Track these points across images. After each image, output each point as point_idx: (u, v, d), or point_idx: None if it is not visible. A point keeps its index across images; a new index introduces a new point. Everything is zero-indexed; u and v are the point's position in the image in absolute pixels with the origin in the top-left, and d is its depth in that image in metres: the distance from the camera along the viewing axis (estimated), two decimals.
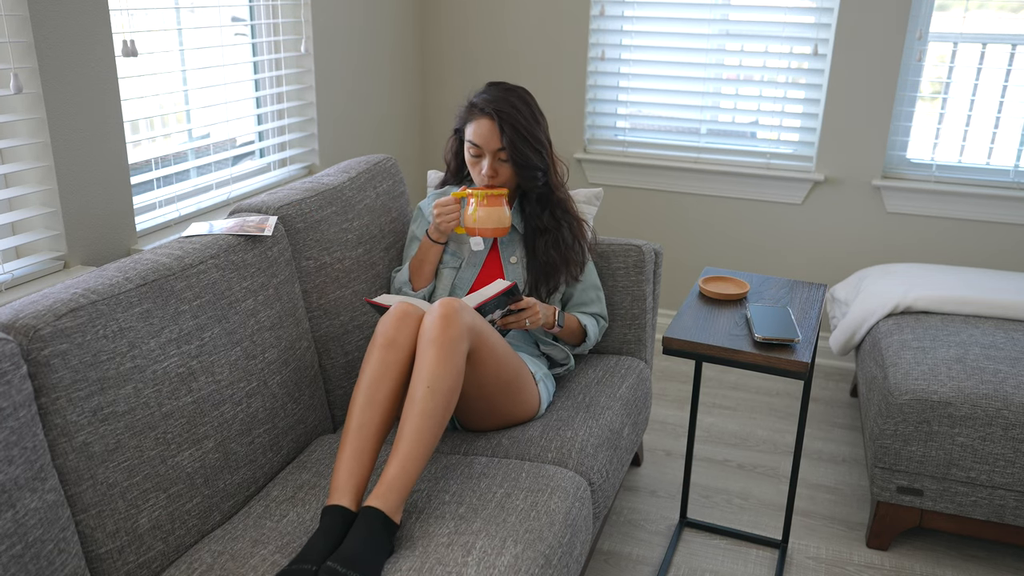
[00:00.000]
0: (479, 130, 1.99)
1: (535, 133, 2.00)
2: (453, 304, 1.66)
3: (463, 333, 1.63)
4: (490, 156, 2.00)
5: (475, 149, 2.01)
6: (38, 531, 1.25)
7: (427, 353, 1.60)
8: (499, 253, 2.10)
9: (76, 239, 1.92)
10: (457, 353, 1.61)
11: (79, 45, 1.86)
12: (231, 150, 2.51)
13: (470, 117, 2.02)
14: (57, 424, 1.33)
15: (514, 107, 1.98)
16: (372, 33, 3.10)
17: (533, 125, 2.00)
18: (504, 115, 1.96)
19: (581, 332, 2.15)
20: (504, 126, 1.96)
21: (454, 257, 2.11)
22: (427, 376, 1.58)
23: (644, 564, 2.19)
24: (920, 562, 2.22)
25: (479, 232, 1.98)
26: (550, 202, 2.09)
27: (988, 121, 2.99)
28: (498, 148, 1.99)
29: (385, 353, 1.64)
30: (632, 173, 3.40)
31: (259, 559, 1.47)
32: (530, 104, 2.01)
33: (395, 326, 1.66)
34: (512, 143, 1.97)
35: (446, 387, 1.59)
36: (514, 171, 2.02)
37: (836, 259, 3.27)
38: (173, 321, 1.55)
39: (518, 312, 1.91)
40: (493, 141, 1.98)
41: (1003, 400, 2.04)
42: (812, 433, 2.81)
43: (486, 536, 1.50)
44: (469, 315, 1.67)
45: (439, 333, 1.61)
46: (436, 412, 1.57)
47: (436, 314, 1.64)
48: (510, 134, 1.96)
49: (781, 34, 3.10)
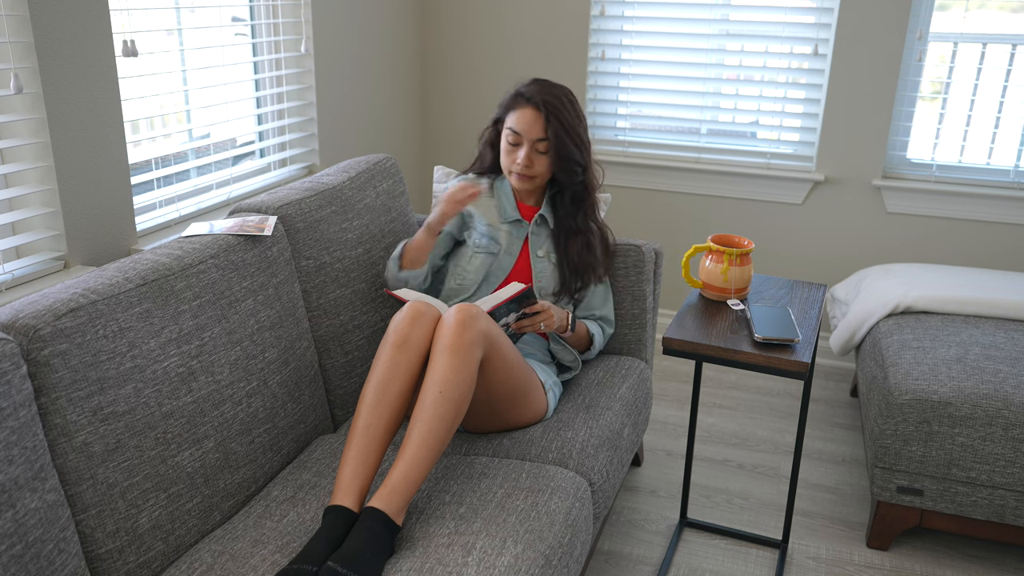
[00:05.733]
0: (523, 118, 2.00)
1: (578, 130, 2.02)
2: (470, 310, 1.65)
3: (478, 340, 1.63)
4: (528, 145, 2.01)
5: (514, 136, 2.02)
6: (38, 531, 1.25)
7: (441, 358, 1.60)
8: (527, 245, 2.10)
9: (76, 239, 1.92)
10: (471, 360, 1.61)
11: (79, 45, 1.86)
12: (231, 150, 2.51)
13: (515, 105, 2.03)
14: (57, 424, 1.33)
15: (560, 102, 2.00)
16: (372, 33, 3.10)
17: (576, 122, 2.02)
18: (551, 107, 1.98)
19: (588, 339, 2.16)
20: (551, 117, 1.97)
21: (493, 242, 2.09)
22: (440, 381, 1.58)
23: (644, 564, 2.19)
24: (920, 562, 2.22)
25: (735, 293, 2.06)
26: (585, 204, 2.09)
27: (988, 121, 2.99)
28: (538, 138, 2.00)
29: (397, 353, 1.63)
30: (632, 173, 3.40)
31: (259, 559, 1.47)
32: (574, 103, 2.04)
33: (409, 326, 1.65)
34: (557, 134, 1.98)
35: (458, 394, 1.58)
36: (554, 162, 2.02)
37: (836, 259, 3.27)
38: (173, 321, 1.55)
39: (532, 315, 1.91)
40: (535, 130, 1.99)
41: (1003, 400, 2.04)
42: (812, 433, 2.81)
43: (486, 536, 1.50)
44: (485, 322, 1.66)
45: (455, 339, 1.60)
46: (446, 417, 1.56)
47: (453, 319, 1.63)
48: (555, 126, 1.98)
49: (781, 34, 3.10)
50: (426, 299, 1.78)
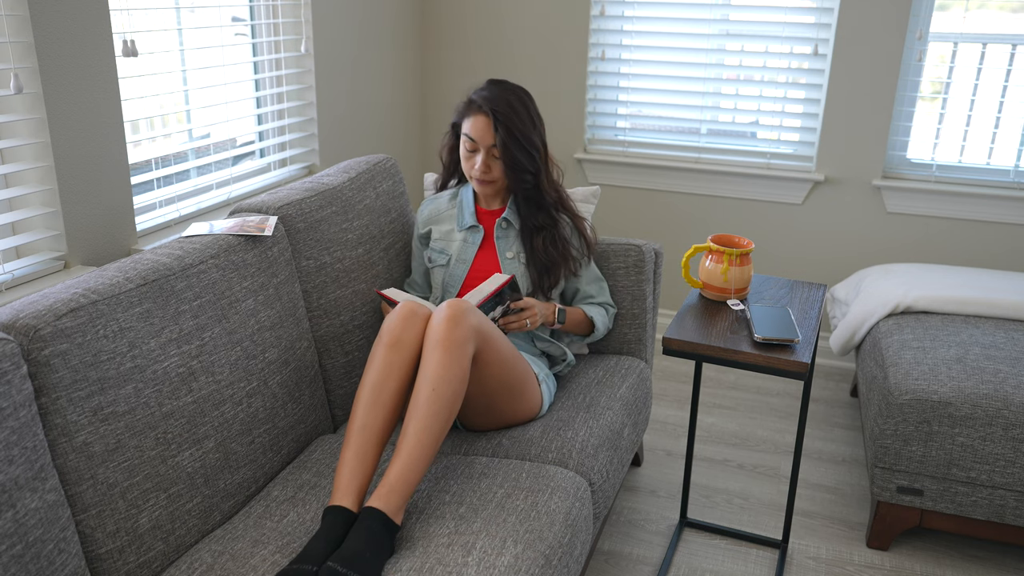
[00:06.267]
0: (476, 125, 1.99)
1: (529, 135, 1.99)
2: (460, 305, 1.66)
3: (470, 335, 1.63)
4: (484, 151, 2.00)
5: (470, 143, 2.01)
6: (38, 531, 1.25)
7: (433, 355, 1.60)
8: (494, 248, 2.10)
9: (76, 239, 1.92)
10: (463, 355, 1.61)
11: (79, 45, 1.86)
12: (231, 150, 2.51)
13: (467, 113, 2.02)
14: (57, 424, 1.33)
15: (511, 107, 1.97)
16: (372, 33, 3.10)
17: (528, 127, 1.99)
18: (500, 115, 1.96)
19: (588, 323, 2.16)
20: (498, 126, 1.96)
21: (441, 255, 2.11)
22: (432, 378, 1.58)
23: (644, 564, 2.19)
24: (920, 562, 2.22)
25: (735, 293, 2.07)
26: (543, 203, 2.09)
27: (988, 121, 2.99)
28: (492, 144, 1.99)
29: (390, 353, 1.64)
30: (632, 173, 3.40)
31: (259, 559, 1.47)
32: (528, 106, 2.01)
33: (401, 326, 1.66)
34: (504, 143, 1.97)
35: (451, 390, 1.59)
36: (504, 170, 2.02)
37: (836, 259, 3.27)
38: (173, 321, 1.55)
39: (518, 312, 1.92)
40: (488, 137, 1.98)
41: (1003, 400, 2.04)
42: (812, 433, 2.81)
43: (486, 536, 1.50)
44: (476, 317, 1.67)
45: (446, 335, 1.61)
46: (440, 414, 1.57)
47: (443, 315, 1.63)
48: (503, 134, 1.96)
49: (781, 34, 3.10)
50: (415, 299, 1.78)
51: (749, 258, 2.07)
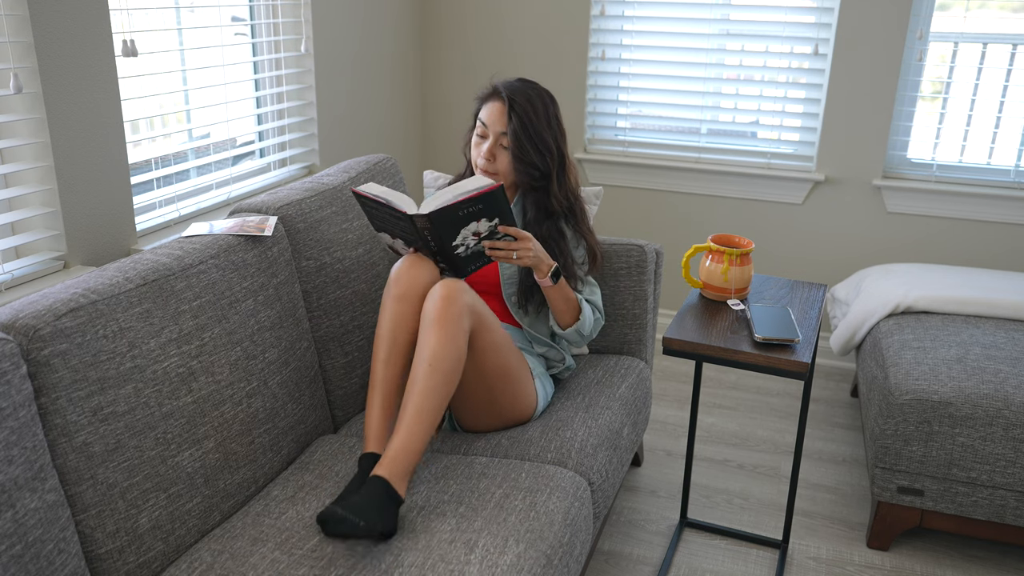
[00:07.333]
0: (490, 111, 1.99)
1: (542, 133, 1.97)
2: (455, 284, 1.68)
3: (464, 311, 1.66)
4: (493, 138, 1.99)
5: (481, 128, 2.01)
6: (38, 531, 1.25)
7: (429, 332, 1.63)
8: None
9: (76, 239, 1.92)
10: (459, 331, 1.64)
11: (79, 45, 1.86)
12: (231, 150, 2.51)
13: (487, 99, 2.03)
14: (57, 424, 1.33)
15: (529, 100, 1.96)
16: (372, 33, 3.10)
17: (542, 125, 1.97)
18: (516, 104, 1.95)
19: (574, 309, 1.97)
20: (512, 114, 1.95)
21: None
22: (429, 355, 1.61)
23: (644, 564, 2.18)
24: (921, 562, 2.22)
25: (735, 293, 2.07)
26: (551, 211, 2.02)
27: (989, 121, 2.99)
28: (501, 131, 1.97)
29: (398, 305, 1.73)
30: (632, 173, 3.40)
31: (258, 557, 1.47)
32: (547, 106, 1.99)
33: (408, 275, 1.74)
34: (515, 132, 1.95)
35: (447, 365, 1.62)
36: (511, 159, 1.98)
37: (836, 259, 3.27)
38: (173, 321, 1.55)
39: (508, 240, 1.79)
40: (499, 123, 1.97)
41: (1003, 400, 2.04)
42: (812, 433, 2.81)
43: (488, 535, 1.50)
44: (470, 296, 1.69)
45: (441, 312, 1.64)
46: (438, 390, 1.60)
47: (438, 295, 1.66)
48: (515, 123, 1.95)
49: (781, 34, 3.10)
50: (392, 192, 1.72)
51: (749, 258, 2.07)
